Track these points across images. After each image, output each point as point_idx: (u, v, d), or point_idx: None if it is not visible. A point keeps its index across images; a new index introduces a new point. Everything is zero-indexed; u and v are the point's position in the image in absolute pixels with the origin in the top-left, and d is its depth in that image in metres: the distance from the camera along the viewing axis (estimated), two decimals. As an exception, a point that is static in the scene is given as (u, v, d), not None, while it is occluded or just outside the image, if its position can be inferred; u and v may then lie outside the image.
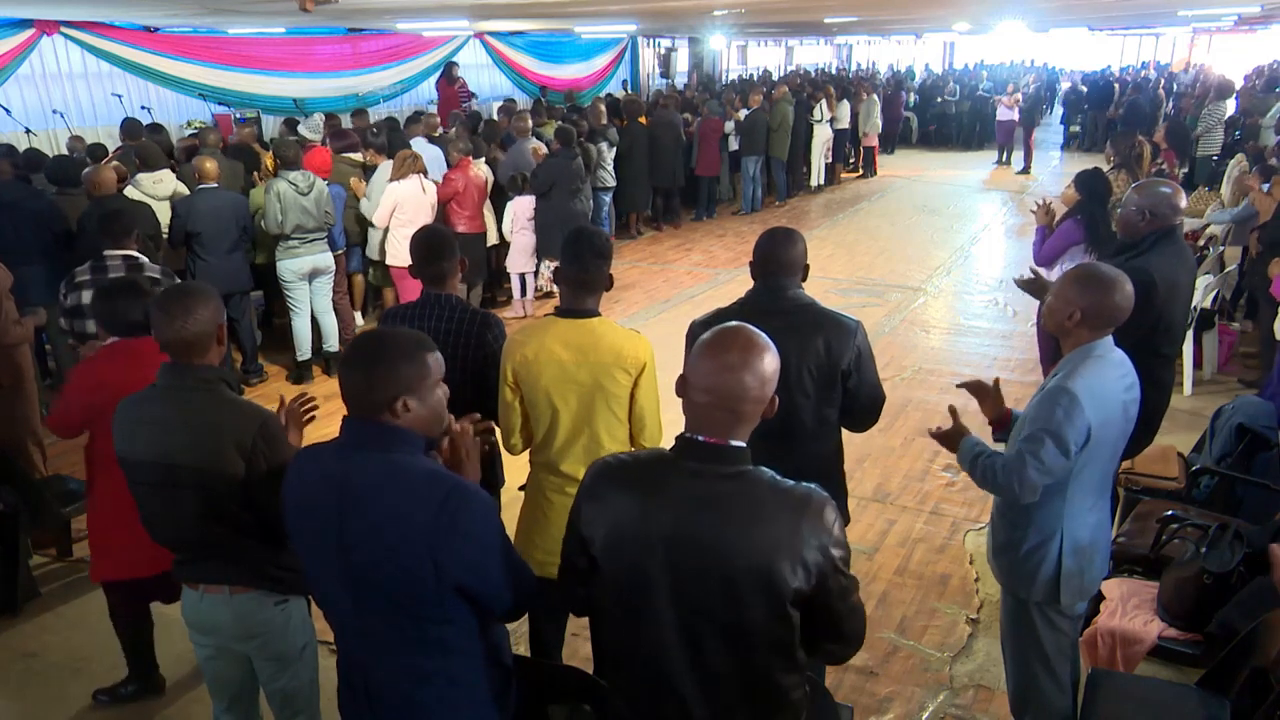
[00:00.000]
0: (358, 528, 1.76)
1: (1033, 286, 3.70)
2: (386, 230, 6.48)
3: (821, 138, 13.04)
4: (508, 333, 2.88)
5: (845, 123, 13.71)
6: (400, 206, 6.33)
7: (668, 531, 1.63)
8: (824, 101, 13.01)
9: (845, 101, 13.80)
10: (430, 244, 2.98)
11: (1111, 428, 2.40)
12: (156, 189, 6.03)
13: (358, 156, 7.18)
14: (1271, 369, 5.56)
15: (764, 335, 1.69)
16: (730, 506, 1.62)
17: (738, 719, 1.70)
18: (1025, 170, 15.09)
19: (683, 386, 1.69)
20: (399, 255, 6.26)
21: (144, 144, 6.69)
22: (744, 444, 1.66)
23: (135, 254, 4.03)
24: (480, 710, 1.91)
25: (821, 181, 13.43)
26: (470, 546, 1.74)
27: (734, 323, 1.72)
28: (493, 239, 7.70)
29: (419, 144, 7.62)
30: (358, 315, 7.58)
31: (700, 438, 1.65)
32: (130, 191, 5.99)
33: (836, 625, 1.70)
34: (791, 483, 1.65)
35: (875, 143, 14.93)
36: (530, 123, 8.54)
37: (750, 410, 1.65)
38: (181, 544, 2.36)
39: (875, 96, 14.74)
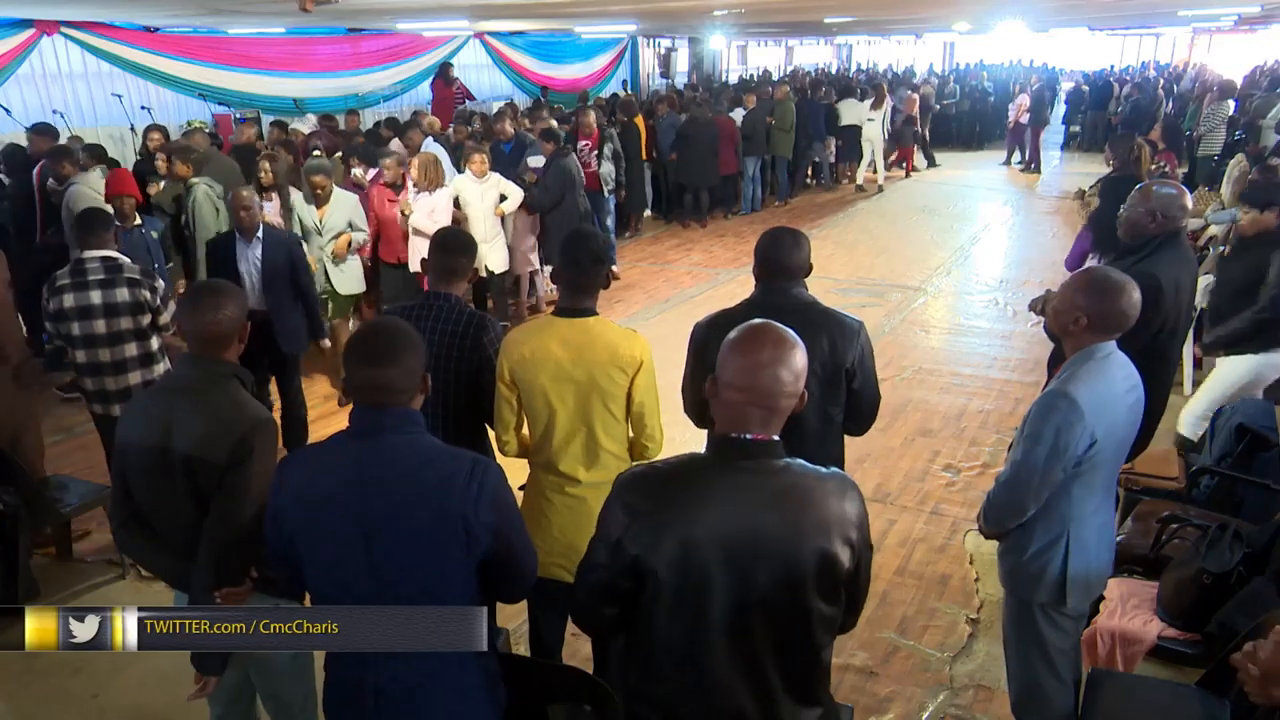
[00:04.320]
0: (384, 513, 1.80)
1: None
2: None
3: (867, 136, 13.10)
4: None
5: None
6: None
7: (727, 531, 1.64)
8: (872, 99, 13.07)
9: (893, 96, 14.01)
10: (450, 240, 3.04)
11: (1116, 430, 2.40)
12: (100, 184, 5.80)
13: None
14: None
15: (792, 331, 1.71)
16: (788, 499, 1.66)
17: (784, 703, 1.73)
18: (1032, 170, 15.12)
19: (714, 387, 1.71)
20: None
21: (71, 143, 6.66)
22: (779, 438, 1.70)
23: (114, 255, 3.95)
24: (483, 704, 1.94)
25: (881, 183, 13.47)
26: (498, 512, 1.84)
27: (760, 320, 1.74)
28: (498, 265, 7.00)
29: (428, 144, 7.59)
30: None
31: (748, 436, 1.67)
32: (81, 191, 5.71)
33: (855, 597, 1.78)
34: (823, 469, 1.72)
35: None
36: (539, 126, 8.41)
37: (785, 405, 1.68)
38: (179, 536, 2.35)
39: (888, 97, 14.74)
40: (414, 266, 6.27)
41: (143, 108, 9.82)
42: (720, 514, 1.65)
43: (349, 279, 5.97)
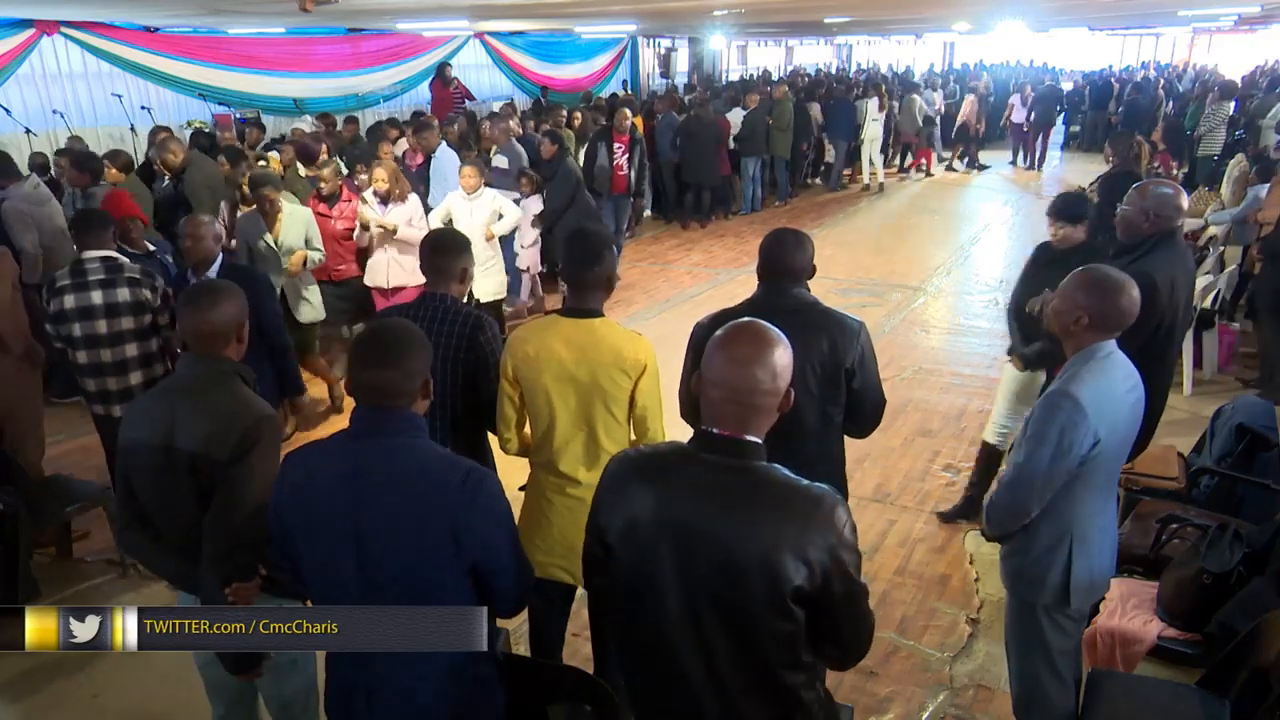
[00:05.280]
0: (376, 513, 1.80)
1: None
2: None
3: (870, 136, 13.14)
4: (511, 331, 2.88)
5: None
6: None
7: (677, 518, 1.66)
8: (875, 99, 13.13)
9: (919, 97, 14.22)
10: (439, 240, 3.05)
11: (1118, 430, 2.39)
12: (38, 193, 5.68)
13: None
14: (1273, 375, 5.58)
15: (775, 330, 1.71)
16: (737, 497, 1.65)
17: (747, 711, 1.72)
18: (1035, 169, 15.23)
19: (699, 383, 1.72)
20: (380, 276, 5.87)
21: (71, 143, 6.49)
22: (758, 439, 1.67)
23: (114, 255, 3.94)
24: (476, 706, 1.94)
25: (883, 181, 13.52)
26: (489, 522, 1.83)
27: (746, 319, 1.74)
28: (488, 293, 6.18)
29: (442, 149, 7.51)
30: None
31: (715, 430, 1.67)
32: (12, 210, 5.48)
33: (837, 630, 1.70)
34: (806, 481, 1.67)
35: (914, 140, 14.90)
36: (512, 126, 8.21)
37: (763, 404, 1.66)
38: (182, 537, 2.36)
39: (917, 96, 14.77)
40: (372, 281, 5.89)
41: (143, 108, 9.82)
42: (667, 498, 1.68)
43: (310, 306, 5.41)
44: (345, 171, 6.77)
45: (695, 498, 1.66)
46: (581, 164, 8.33)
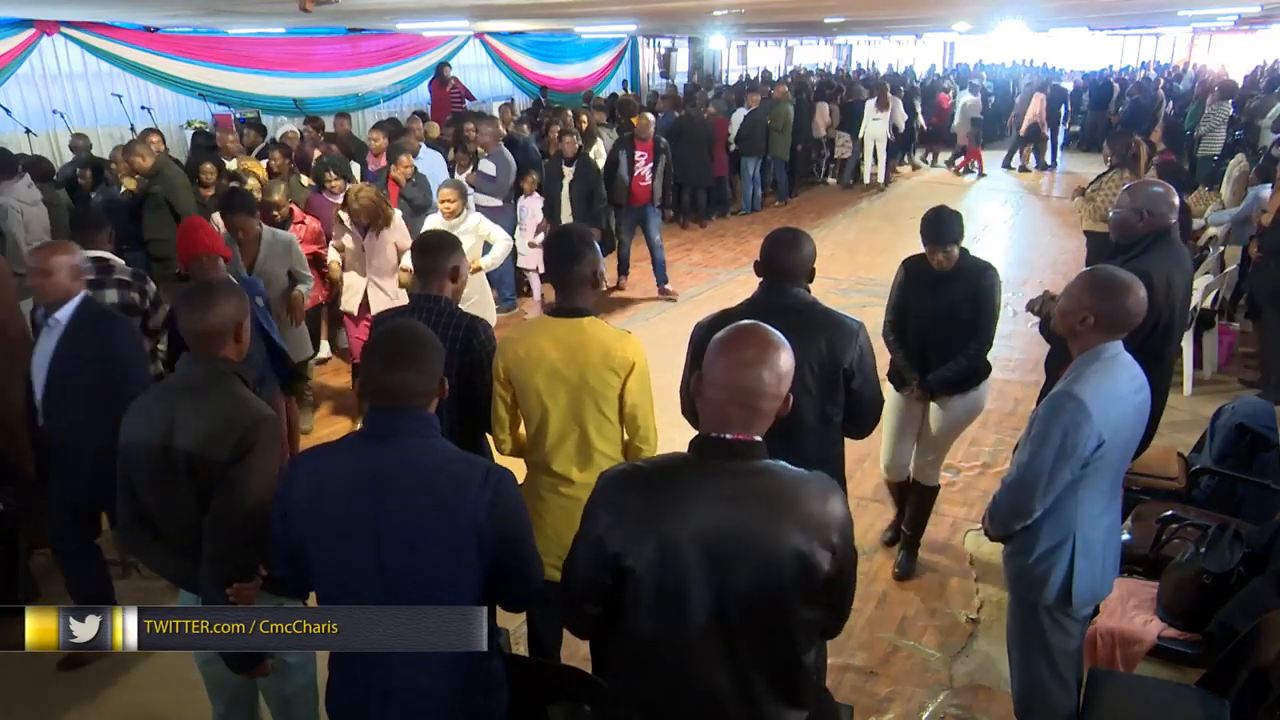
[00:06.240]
0: (397, 515, 1.80)
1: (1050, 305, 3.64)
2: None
3: (872, 135, 13.23)
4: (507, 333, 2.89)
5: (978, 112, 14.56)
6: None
7: (706, 531, 1.65)
8: (876, 99, 13.21)
9: (973, 95, 14.43)
10: (426, 241, 3.07)
11: (1123, 431, 2.39)
12: (30, 194, 5.59)
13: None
14: (1272, 373, 5.58)
15: (778, 332, 1.72)
16: (765, 500, 1.66)
17: (767, 703, 1.73)
18: (1039, 167, 15.26)
19: (699, 385, 1.72)
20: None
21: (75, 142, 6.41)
22: (761, 439, 1.70)
23: (106, 255, 3.92)
24: (487, 703, 1.95)
25: (882, 180, 13.62)
26: (511, 518, 1.86)
27: (749, 321, 1.75)
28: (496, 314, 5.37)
29: (424, 152, 7.43)
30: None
31: (728, 436, 1.67)
32: (8, 203, 5.41)
33: (839, 601, 1.78)
34: (804, 471, 1.72)
35: (966, 141, 14.87)
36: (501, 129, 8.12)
37: (768, 406, 1.68)
38: (182, 537, 2.36)
39: (975, 96, 14.74)
40: (345, 305, 5.40)
41: (143, 108, 9.80)
42: (700, 514, 1.66)
43: (297, 343, 4.85)
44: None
45: (726, 507, 1.65)
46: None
